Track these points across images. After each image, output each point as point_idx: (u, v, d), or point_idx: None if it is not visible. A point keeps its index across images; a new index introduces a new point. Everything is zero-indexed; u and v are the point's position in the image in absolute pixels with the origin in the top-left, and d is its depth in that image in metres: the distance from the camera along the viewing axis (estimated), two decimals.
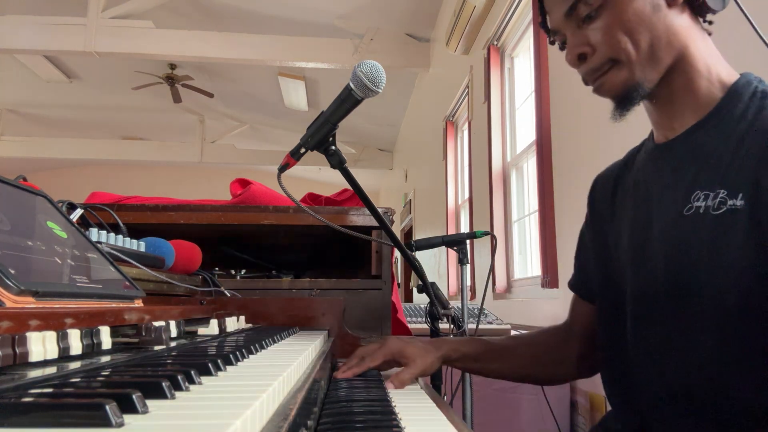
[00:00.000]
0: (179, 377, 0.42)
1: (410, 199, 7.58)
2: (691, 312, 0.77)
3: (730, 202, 0.72)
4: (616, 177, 0.98)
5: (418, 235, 6.96)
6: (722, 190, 0.74)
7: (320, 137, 1.00)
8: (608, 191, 0.98)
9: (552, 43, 0.91)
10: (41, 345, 0.46)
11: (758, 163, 0.71)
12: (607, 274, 0.96)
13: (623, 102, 0.83)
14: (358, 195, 1.08)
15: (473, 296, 3.91)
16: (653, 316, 0.83)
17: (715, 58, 0.82)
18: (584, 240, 1.05)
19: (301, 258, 2.12)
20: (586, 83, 0.86)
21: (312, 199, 1.82)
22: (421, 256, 1.71)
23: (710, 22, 0.84)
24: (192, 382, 0.44)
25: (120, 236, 1.02)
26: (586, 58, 0.83)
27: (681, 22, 0.80)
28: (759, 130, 0.73)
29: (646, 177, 0.89)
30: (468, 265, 1.91)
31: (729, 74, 0.81)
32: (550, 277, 2.58)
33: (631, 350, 0.88)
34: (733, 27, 0.89)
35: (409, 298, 7.20)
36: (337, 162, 1.02)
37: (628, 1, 0.79)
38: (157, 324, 0.65)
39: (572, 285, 1.08)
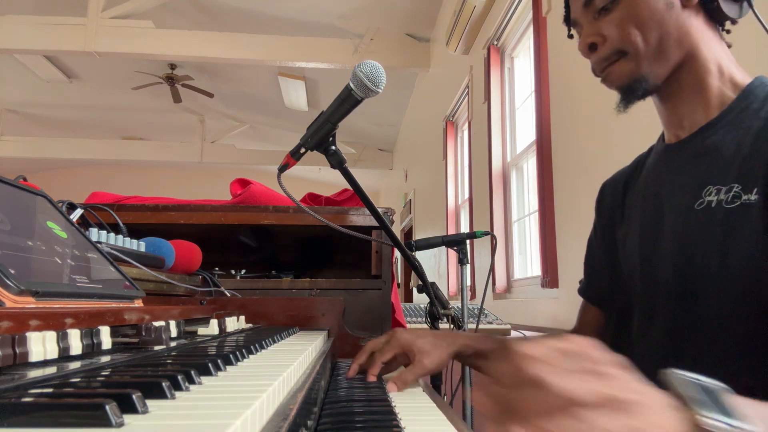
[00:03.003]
0: (179, 377, 0.42)
1: (410, 199, 7.58)
2: (696, 307, 0.77)
3: (744, 197, 0.73)
4: (625, 181, 0.98)
5: (418, 235, 6.96)
6: (736, 185, 0.74)
7: (320, 137, 1.00)
8: (618, 195, 0.99)
9: (571, 37, 0.93)
10: (41, 345, 0.46)
11: None
12: (617, 278, 0.96)
13: (627, 94, 0.85)
14: (358, 195, 1.08)
15: (473, 296, 3.91)
16: (659, 313, 0.83)
17: (729, 61, 0.83)
18: (592, 248, 1.05)
19: (301, 258, 2.12)
20: (595, 73, 0.88)
21: (312, 199, 1.82)
22: (421, 256, 1.71)
23: (728, 31, 0.85)
24: (192, 382, 0.44)
25: (120, 236, 1.02)
26: (597, 48, 0.85)
27: (694, 23, 0.81)
28: None
29: (657, 177, 0.89)
30: (468, 265, 1.91)
31: (743, 77, 0.82)
32: (549, 277, 2.58)
33: (635, 348, 0.88)
34: (753, 34, 0.89)
35: (409, 298, 7.20)
36: (337, 162, 1.02)
37: None
38: (157, 324, 0.65)
39: (582, 291, 1.07)
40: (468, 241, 1.89)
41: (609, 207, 1.01)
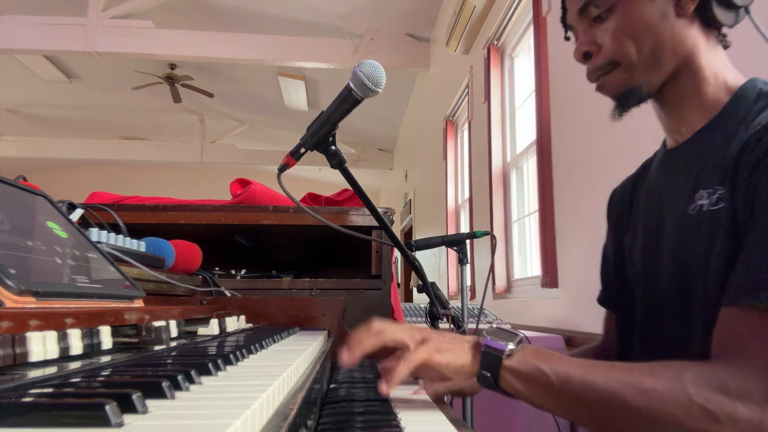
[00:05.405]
0: (179, 377, 0.42)
1: (410, 199, 7.58)
2: (689, 311, 0.77)
3: (728, 200, 0.73)
4: (632, 189, 0.99)
5: (418, 235, 6.96)
6: (720, 188, 0.75)
7: (320, 137, 1.00)
8: (625, 203, 1.00)
9: (567, 38, 0.94)
10: (41, 345, 0.46)
11: (740, 159, 0.71)
12: (624, 283, 0.97)
13: (622, 102, 0.86)
14: (358, 195, 1.08)
15: (473, 296, 3.91)
16: (659, 316, 0.84)
17: (724, 66, 0.83)
18: (607, 256, 1.05)
19: (301, 258, 2.12)
20: (590, 80, 0.88)
21: (312, 199, 1.83)
22: (421, 256, 1.71)
23: (724, 35, 0.85)
24: (192, 382, 0.44)
25: (120, 236, 1.02)
26: (592, 56, 0.86)
27: (689, 31, 0.81)
28: (754, 127, 0.74)
29: (658, 182, 0.90)
30: (468, 265, 1.91)
31: (736, 79, 0.83)
32: (549, 277, 2.58)
33: (636, 350, 0.89)
34: (749, 38, 0.89)
35: (409, 298, 7.20)
36: (337, 162, 1.02)
37: (636, 6, 0.81)
38: (157, 324, 0.65)
39: (600, 300, 1.06)
40: (468, 241, 1.89)
41: (617, 215, 1.02)
